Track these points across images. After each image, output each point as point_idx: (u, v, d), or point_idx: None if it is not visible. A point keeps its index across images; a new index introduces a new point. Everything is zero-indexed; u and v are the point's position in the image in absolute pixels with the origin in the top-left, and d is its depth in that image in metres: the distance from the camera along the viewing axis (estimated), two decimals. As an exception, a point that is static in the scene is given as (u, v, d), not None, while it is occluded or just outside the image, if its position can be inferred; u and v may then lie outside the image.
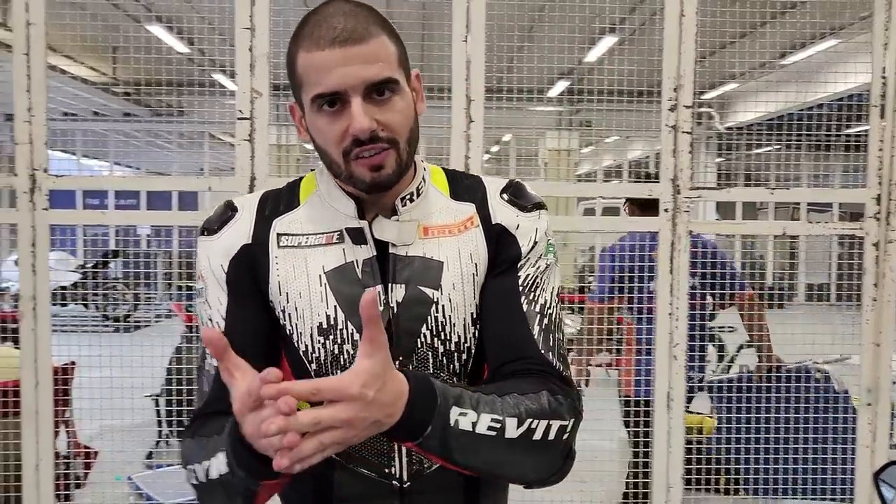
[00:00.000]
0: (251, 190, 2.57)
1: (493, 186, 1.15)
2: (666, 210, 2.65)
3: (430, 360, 1.06)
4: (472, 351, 1.08)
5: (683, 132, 2.62)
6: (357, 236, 1.08)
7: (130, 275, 10.10)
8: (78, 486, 3.53)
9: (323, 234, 1.09)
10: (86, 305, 9.07)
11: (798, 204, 6.22)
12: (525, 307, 1.07)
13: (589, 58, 8.49)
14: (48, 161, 2.52)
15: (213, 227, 1.11)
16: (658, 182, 2.67)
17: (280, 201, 1.13)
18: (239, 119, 2.54)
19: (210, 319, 1.08)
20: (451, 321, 1.06)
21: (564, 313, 6.62)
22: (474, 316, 1.08)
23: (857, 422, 2.75)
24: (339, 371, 1.04)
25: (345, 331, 1.04)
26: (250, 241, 1.09)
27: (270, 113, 2.56)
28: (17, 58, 2.47)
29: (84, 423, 3.44)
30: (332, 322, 1.05)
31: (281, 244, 1.09)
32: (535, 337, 1.06)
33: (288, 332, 1.07)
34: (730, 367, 4.83)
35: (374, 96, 1.00)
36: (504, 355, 1.06)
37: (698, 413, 4.38)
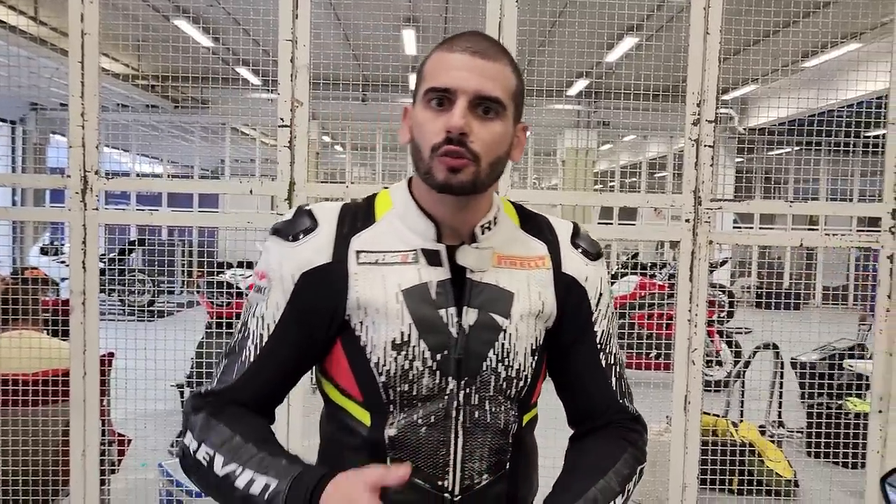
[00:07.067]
0: (290, 193, 2.69)
1: (563, 233, 1.23)
2: (687, 220, 2.75)
3: (492, 384, 1.13)
4: (529, 380, 1.17)
5: (706, 146, 2.71)
6: (432, 258, 1.13)
7: (150, 264, 10.33)
8: (112, 471, 3.68)
9: (398, 252, 1.13)
10: (108, 294, 9.25)
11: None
12: (603, 363, 1.23)
13: (609, 58, 8.54)
14: (99, 163, 2.66)
15: (291, 232, 1.14)
16: (680, 193, 2.77)
17: (357, 218, 1.16)
18: (280, 126, 2.66)
19: (260, 317, 1.13)
20: (515, 349, 1.14)
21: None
22: (534, 347, 1.16)
23: (868, 427, 2.84)
24: (406, 385, 1.10)
25: (417, 348, 1.10)
26: (330, 260, 1.12)
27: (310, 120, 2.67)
28: (73, 66, 2.60)
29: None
30: (406, 339, 1.10)
31: (360, 261, 1.12)
32: (613, 389, 1.23)
33: (362, 343, 1.11)
34: (745, 369, 4.90)
35: (480, 112, 1.07)
36: (589, 413, 1.24)
37: (714, 415, 4.48)
